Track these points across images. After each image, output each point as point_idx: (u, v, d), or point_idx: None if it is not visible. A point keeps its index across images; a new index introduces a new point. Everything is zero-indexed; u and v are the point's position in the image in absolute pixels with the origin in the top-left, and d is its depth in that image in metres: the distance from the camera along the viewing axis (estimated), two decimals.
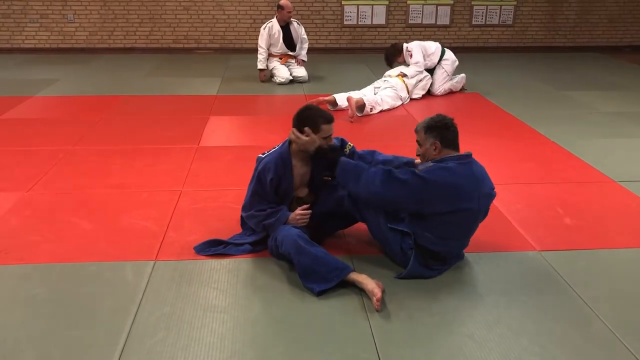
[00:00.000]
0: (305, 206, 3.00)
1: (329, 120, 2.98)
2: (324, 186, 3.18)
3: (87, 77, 7.81)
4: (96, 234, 3.34)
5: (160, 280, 2.86)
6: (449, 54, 6.89)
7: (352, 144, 3.17)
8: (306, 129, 2.95)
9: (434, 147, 2.83)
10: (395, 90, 6.32)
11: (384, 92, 6.26)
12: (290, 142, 3.05)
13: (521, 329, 2.52)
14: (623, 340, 2.44)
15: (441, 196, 2.72)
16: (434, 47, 6.81)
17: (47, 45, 9.72)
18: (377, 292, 2.62)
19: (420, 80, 6.64)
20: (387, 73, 6.74)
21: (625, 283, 2.91)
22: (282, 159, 3.01)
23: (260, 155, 3.16)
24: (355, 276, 2.76)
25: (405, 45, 6.71)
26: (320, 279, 2.74)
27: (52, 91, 6.94)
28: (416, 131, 2.92)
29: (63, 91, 6.97)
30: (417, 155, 2.95)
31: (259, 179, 3.02)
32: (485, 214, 2.92)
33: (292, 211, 3.02)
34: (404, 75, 6.53)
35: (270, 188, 2.99)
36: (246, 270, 2.97)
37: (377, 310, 2.60)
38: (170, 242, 3.24)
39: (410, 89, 6.54)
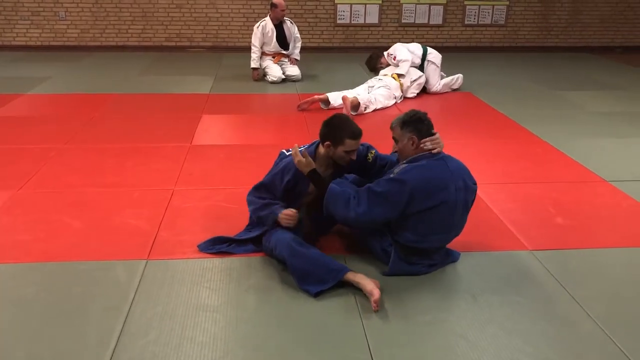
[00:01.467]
0: (292, 209, 2.91)
1: (355, 135, 2.88)
2: None
3: (79, 75, 7.76)
4: (88, 233, 3.32)
5: (152, 280, 2.85)
6: (431, 49, 6.96)
7: (375, 150, 3.15)
8: (327, 142, 2.91)
9: (411, 142, 2.85)
10: (388, 89, 6.33)
11: (378, 91, 6.27)
12: (318, 144, 3.02)
13: (514, 328, 2.52)
14: (614, 339, 2.45)
15: (421, 193, 2.73)
16: (413, 45, 6.88)
17: (39, 43, 9.65)
18: (376, 293, 2.62)
19: (415, 80, 6.65)
20: (382, 72, 6.75)
21: (617, 282, 2.93)
22: None
23: (284, 150, 3.11)
24: (352, 276, 2.75)
25: (385, 52, 6.80)
26: (317, 280, 2.73)
27: (44, 89, 6.90)
28: (392, 128, 2.94)
29: (55, 89, 6.93)
30: (394, 152, 2.97)
31: (275, 176, 2.99)
32: (464, 207, 2.90)
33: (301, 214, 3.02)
34: (400, 75, 6.54)
35: (283, 187, 2.96)
36: (239, 269, 2.96)
37: (375, 311, 2.60)
38: (162, 241, 3.23)
39: (404, 88, 6.55)
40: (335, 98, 6.04)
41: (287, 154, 3.04)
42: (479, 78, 7.86)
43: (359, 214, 2.76)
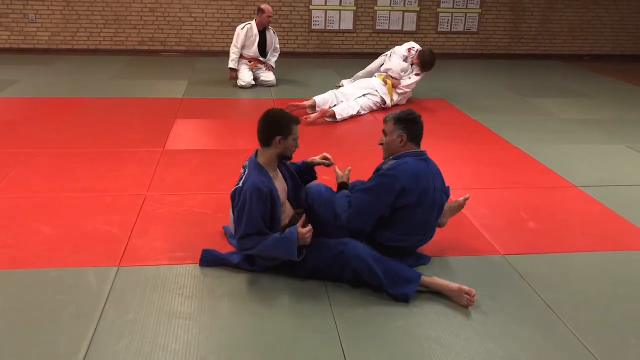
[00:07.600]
0: (308, 225, 2.73)
1: (297, 120, 2.95)
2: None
3: (50, 79, 7.63)
4: (58, 239, 3.26)
5: (124, 287, 2.81)
6: None
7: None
8: (278, 138, 2.82)
9: (400, 139, 2.93)
10: (374, 95, 6.32)
11: (362, 99, 6.25)
12: (257, 154, 2.90)
13: (486, 332, 2.55)
14: (584, 341, 2.49)
15: (409, 187, 2.80)
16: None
17: (7, 45, 9.46)
18: (467, 289, 2.71)
19: (403, 93, 6.66)
20: (383, 68, 6.68)
21: (586, 286, 2.98)
22: (262, 174, 2.80)
23: (236, 189, 2.80)
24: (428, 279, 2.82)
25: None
26: (406, 280, 2.75)
27: (13, 92, 6.76)
28: (385, 121, 3.02)
29: (24, 92, 6.80)
30: (380, 144, 3.04)
31: (257, 201, 2.69)
32: (439, 209, 3.01)
33: None
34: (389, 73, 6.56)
35: (267, 209, 2.74)
36: (212, 276, 2.93)
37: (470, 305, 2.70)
38: (134, 248, 3.18)
39: (398, 92, 6.54)
40: (322, 102, 6.00)
41: (242, 186, 2.75)
42: (451, 84, 7.95)
43: (351, 213, 2.85)
